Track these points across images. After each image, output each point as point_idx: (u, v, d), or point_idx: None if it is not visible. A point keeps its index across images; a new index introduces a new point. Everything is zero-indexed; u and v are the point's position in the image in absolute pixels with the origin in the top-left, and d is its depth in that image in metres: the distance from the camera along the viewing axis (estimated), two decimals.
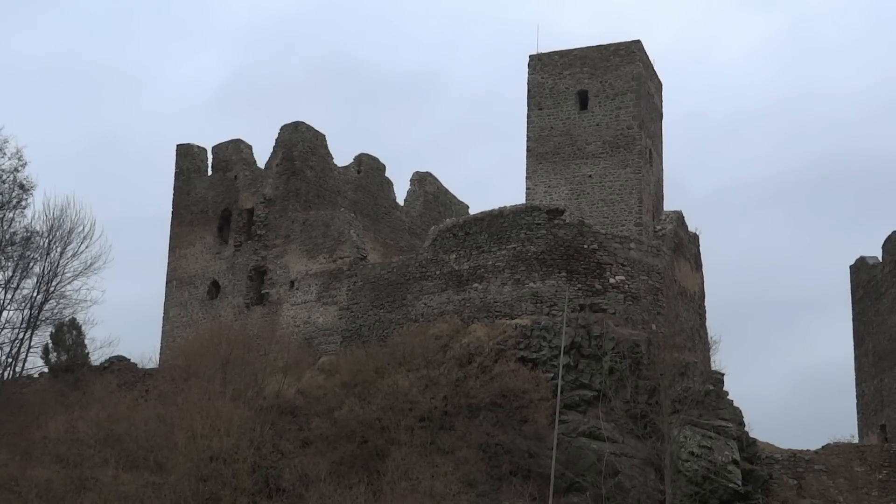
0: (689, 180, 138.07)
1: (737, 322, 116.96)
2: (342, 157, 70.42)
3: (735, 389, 55.11)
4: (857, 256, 68.47)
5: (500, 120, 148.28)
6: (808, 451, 52.20)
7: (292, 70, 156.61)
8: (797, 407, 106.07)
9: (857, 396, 66.77)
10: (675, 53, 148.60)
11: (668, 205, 69.95)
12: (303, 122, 67.94)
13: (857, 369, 67.36)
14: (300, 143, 67.25)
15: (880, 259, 64.34)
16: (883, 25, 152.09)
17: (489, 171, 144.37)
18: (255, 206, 67.55)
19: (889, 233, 63.01)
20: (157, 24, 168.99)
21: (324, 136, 68.73)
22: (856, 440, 59.71)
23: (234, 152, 69.96)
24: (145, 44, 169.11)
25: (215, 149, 71.22)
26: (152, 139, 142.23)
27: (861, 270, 67.44)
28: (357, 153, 71.05)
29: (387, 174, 72.17)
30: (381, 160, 72.67)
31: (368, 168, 70.89)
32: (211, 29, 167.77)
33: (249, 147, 70.20)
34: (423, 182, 73.90)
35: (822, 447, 52.46)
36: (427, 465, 45.65)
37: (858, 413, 66.17)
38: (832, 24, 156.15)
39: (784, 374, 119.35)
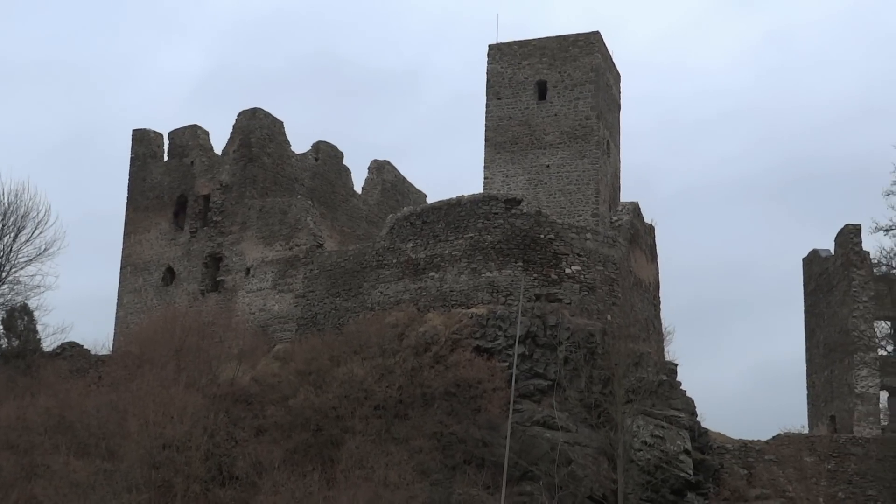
0: (660, 177, 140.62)
1: (702, 315, 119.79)
2: (302, 144, 70.35)
3: (696, 381, 55.68)
4: (810, 249, 69.13)
5: (481, 116, 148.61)
6: (758, 441, 52.79)
7: (275, 65, 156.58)
8: (757, 398, 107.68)
9: (808, 388, 67.50)
10: (656, 54, 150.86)
11: (639, 200, 70.26)
12: (260, 109, 67.53)
13: (808, 361, 68.05)
14: (258, 129, 66.84)
15: (832, 252, 64.99)
16: (859, 35, 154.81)
17: (468, 165, 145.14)
18: (211, 193, 67.14)
19: (842, 226, 63.62)
20: (142, 17, 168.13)
21: (282, 122, 68.40)
22: (806, 431, 60.43)
23: (190, 138, 69.47)
24: (129, 37, 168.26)
25: (171, 134, 70.67)
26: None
27: (813, 263, 68.09)
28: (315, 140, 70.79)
29: (345, 162, 71.89)
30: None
31: (326, 155, 70.60)
32: (195, 23, 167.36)
33: (206, 133, 69.71)
34: (381, 170, 73.72)
35: (773, 437, 53.08)
36: (381, 453, 45.66)
37: (809, 404, 66.89)
38: (811, 31, 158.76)
39: (745, 366, 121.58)
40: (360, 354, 50.51)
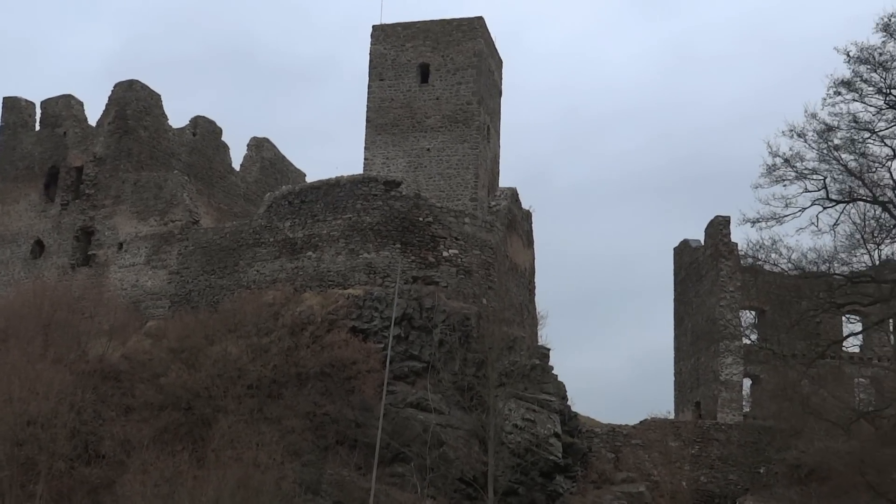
0: (559, 169, 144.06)
1: (590, 304, 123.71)
2: (183, 119, 69.16)
3: (580, 367, 56.16)
4: (681, 239, 70.72)
5: None
6: (626, 425, 53.87)
7: (188, 48, 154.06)
8: (637, 384, 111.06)
9: (675, 374, 69.19)
10: (564, 51, 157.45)
11: (538, 191, 71.07)
12: (138, 81, 66.10)
13: (676, 348, 69.75)
14: (134, 101, 65.38)
15: (703, 243, 66.59)
16: (754, 42, 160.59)
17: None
18: (84, 165, 65.48)
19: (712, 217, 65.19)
20: None
21: (159, 95, 67.05)
22: (672, 416, 61.90)
23: (63, 108, 67.60)
24: (37, 12, 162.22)
25: (44, 103, 68.70)
26: None
27: (684, 253, 69.72)
28: (193, 116, 69.64)
29: (224, 138, 70.83)
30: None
31: (204, 131, 69.43)
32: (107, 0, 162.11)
33: (81, 103, 67.95)
34: (261, 148, 72.80)
35: (640, 422, 54.18)
36: (253, 433, 45.15)
37: (675, 390, 68.60)
38: (710, 37, 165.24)
39: (627, 353, 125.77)
40: (235, 333, 49.96)
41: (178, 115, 68.85)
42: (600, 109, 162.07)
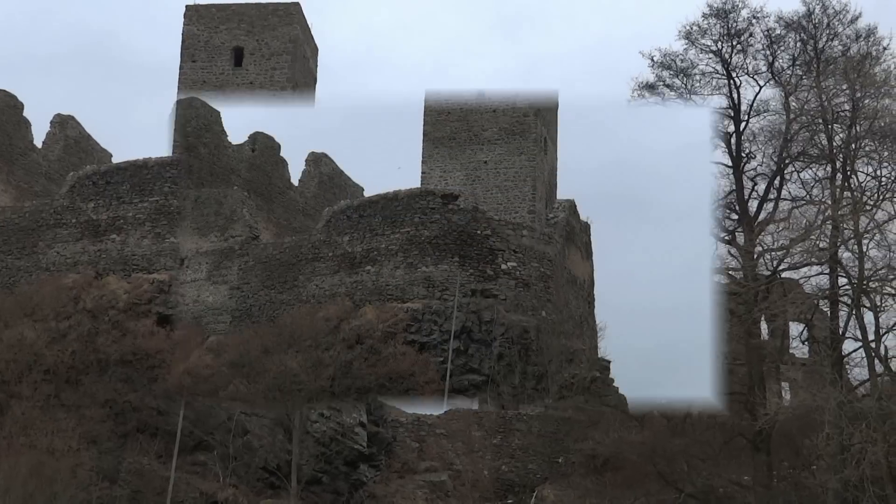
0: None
1: None
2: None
3: None
4: None
5: None
6: (431, 415, 50.72)
7: (52, 41, 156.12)
8: None
9: None
10: (426, 60, 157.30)
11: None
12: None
13: None
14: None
15: None
16: (597, 70, 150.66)
17: None
18: None
19: None
20: None
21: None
22: (475, 406, 55.25)
23: None
24: None
25: None
26: None
27: None
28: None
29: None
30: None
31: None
32: None
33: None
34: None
35: (445, 412, 51.00)
36: (48, 420, 45.63)
37: None
38: (559, 64, 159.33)
39: None
40: (32, 317, 50.70)
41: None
42: None
